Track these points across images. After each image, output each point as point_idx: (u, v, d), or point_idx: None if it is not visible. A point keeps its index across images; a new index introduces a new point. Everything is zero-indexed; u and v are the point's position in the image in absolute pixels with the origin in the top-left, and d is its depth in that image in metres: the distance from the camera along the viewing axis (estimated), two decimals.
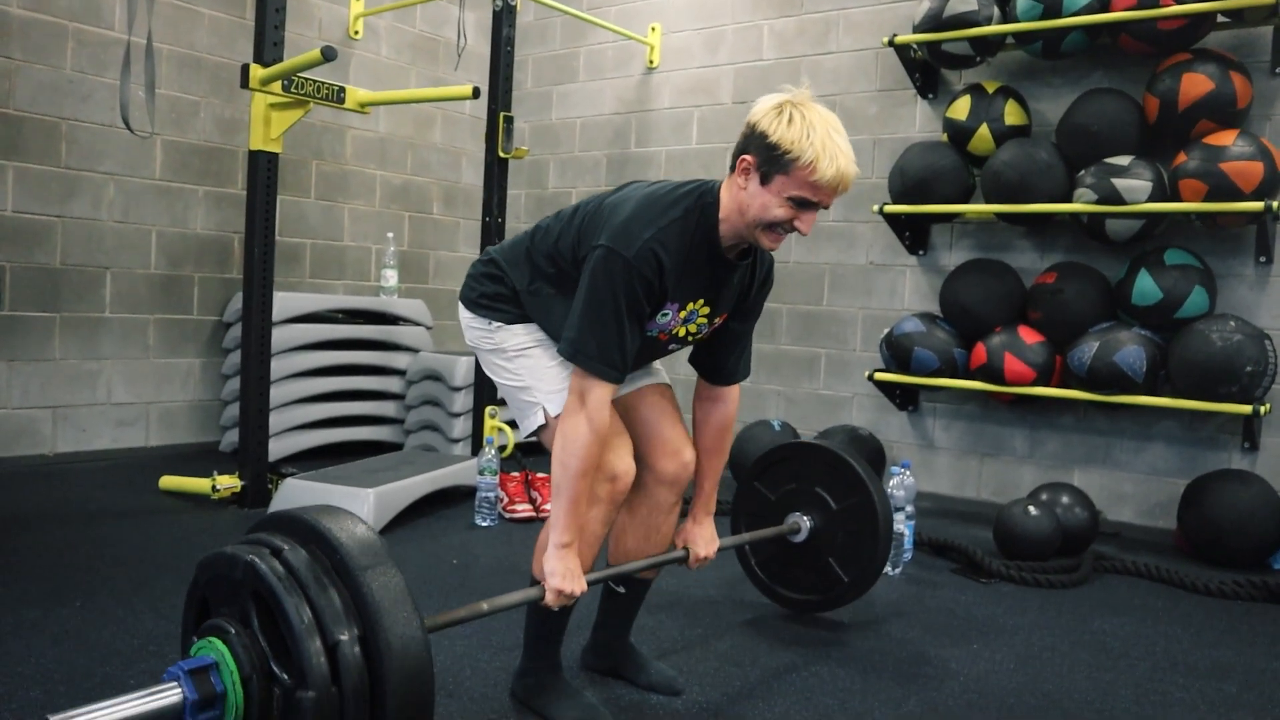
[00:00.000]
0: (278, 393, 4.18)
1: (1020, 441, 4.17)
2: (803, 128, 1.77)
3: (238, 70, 4.24)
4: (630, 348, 1.84)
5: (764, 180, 1.80)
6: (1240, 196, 3.45)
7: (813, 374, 4.68)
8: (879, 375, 4.20)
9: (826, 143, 1.75)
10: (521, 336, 2.00)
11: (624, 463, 1.94)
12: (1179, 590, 3.14)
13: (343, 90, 3.65)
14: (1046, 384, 3.82)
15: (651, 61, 5.20)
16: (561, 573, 1.84)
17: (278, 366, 4.12)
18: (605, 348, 1.81)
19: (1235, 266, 3.74)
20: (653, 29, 5.15)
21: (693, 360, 2.15)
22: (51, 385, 4.05)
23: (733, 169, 1.87)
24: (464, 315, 2.08)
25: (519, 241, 2.05)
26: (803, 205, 1.79)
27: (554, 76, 5.62)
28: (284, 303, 4.23)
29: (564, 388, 1.89)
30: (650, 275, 1.81)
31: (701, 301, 1.94)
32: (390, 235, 5.02)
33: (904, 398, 4.35)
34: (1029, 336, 3.83)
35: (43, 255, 3.99)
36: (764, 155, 1.79)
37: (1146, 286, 3.63)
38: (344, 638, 1.28)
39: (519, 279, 1.99)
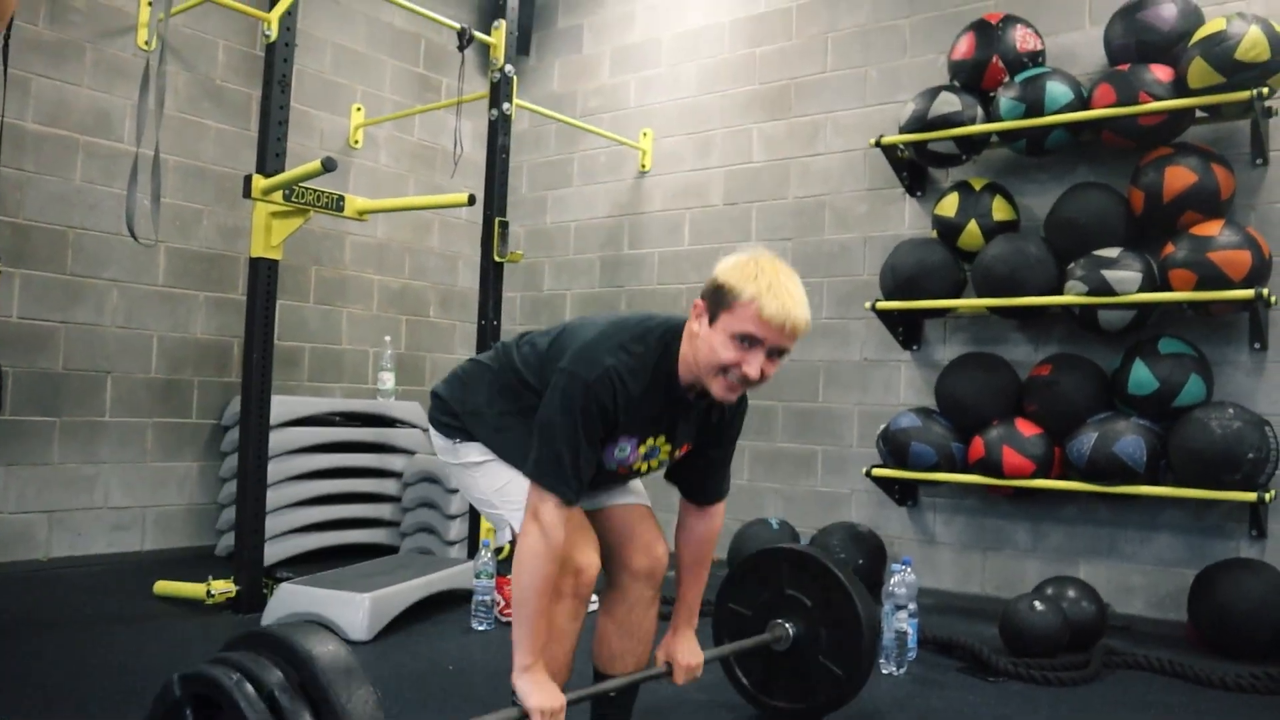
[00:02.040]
0: (274, 496, 4.16)
1: (1023, 535, 4.12)
2: (752, 270, 1.82)
3: (240, 179, 4.33)
4: (586, 469, 1.85)
5: (711, 320, 1.84)
6: (1230, 285, 3.48)
7: (810, 471, 4.66)
8: (877, 471, 4.18)
9: (773, 283, 1.80)
10: (483, 451, 2.05)
11: (587, 557, 1.93)
12: (1194, 684, 3.06)
13: (342, 199, 3.72)
14: (1046, 476, 3.80)
15: (644, 165, 5.32)
16: (535, 693, 1.81)
17: (275, 470, 4.11)
18: (561, 467, 1.82)
19: (1230, 354, 3.75)
20: (644, 134, 5.29)
21: (672, 478, 2.17)
22: (48, 489, 4.03)
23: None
24: (432, 435, 2.16)
25: (480, 368, 2.13)
26: (749, 342, 1.80)
27: (548, 181, 5.74)
28: (282, 406, 4.23)
29: (524, 503, 1.91)
30: (607, 401, 1.84)
31: (663, 438, 1.99)
32: (388, 338, 5.06)
33: (903, 493, 4.33)
34: (1026, 429, 3.82)
35: (45, 360, 4.02)
36: (712, 297, 1.84)
37: (1142, 376, 3.64)
38: (280, 686, 1.24)
39: (481, 403, 2.06)
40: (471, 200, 3.82)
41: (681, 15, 5.31)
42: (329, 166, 3.09)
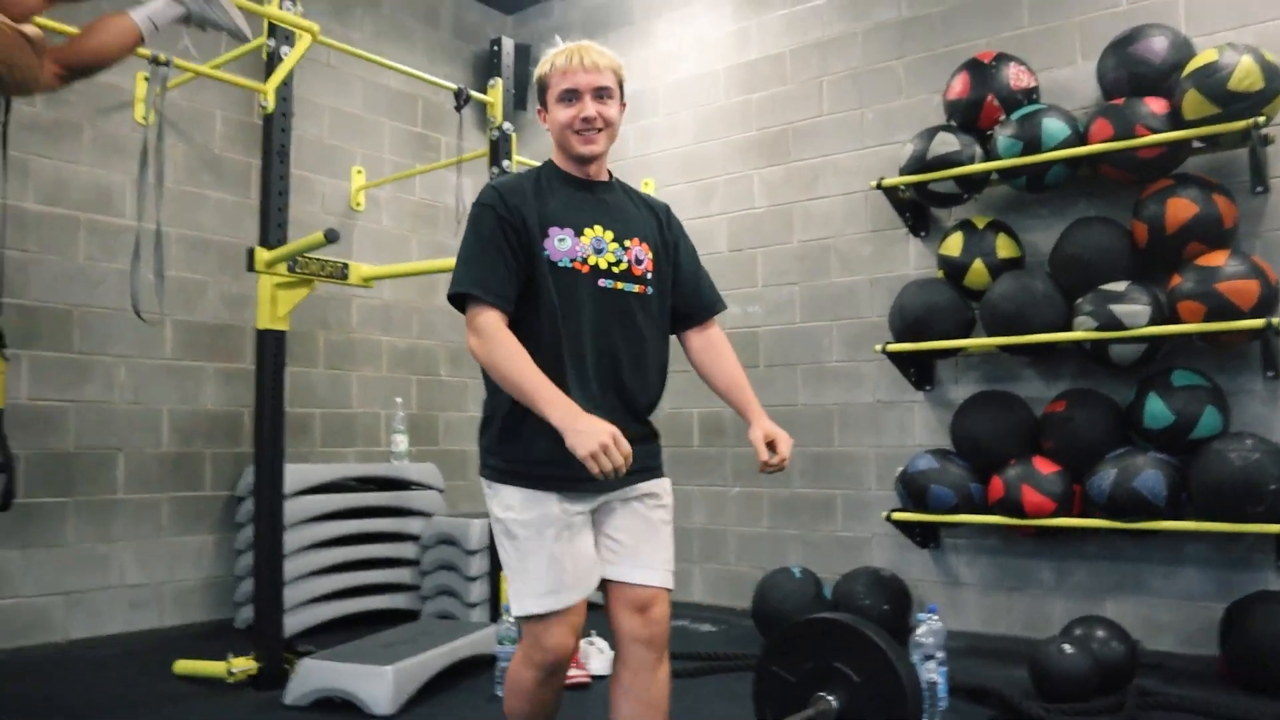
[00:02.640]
0: (291, 567, 4.14)
1: (1047, 573, 4.09)
2: (546, 56, 2.15)
3: (243, 249, 4.35)
4: (502, 269, 2.01)
5: (546, 108, 2.15)
6: (1239, 315, 3.47)
7: (829, 516, 4.63)
8: (897, 515, 4.15)
9: (563, 47, 2.13)
10: (505, 506, 2.06)
11: (556, 638, 1.99)
12: None
13: (346, 267, 3.73)
14: (1068, 514, 3.77)
15: None
16: (580, 442, 1.82)
17: (291, 540, 4.09)
18: (479, 272, 2.01)
19: (1244, 383, 3.73)
20: (646, 184, 5.29)
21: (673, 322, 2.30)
22: (64, 570, 4.01)
23: None
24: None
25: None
26: (570, 96, 2.09)
27: None
28: (295, 475, 4.22)
29: (524, 592, 2.00)
30: (496, 202, 2.06)
31: (600, 227, 2.11)
32: (399, 400, 5.05)
33: (924, 535, 4.29)
34: (1044, 467, 3.79)
35: (56, 440, 4.01)
36: (538, 96, 2.18)
37: (1157, 409, 3.62)
38: None
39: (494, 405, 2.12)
40: None
41: (675, 64, 5.34)
42: (331, 238, 3.09)
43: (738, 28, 5.11)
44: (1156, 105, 3.68)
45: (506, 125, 4.35)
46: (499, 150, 4.36)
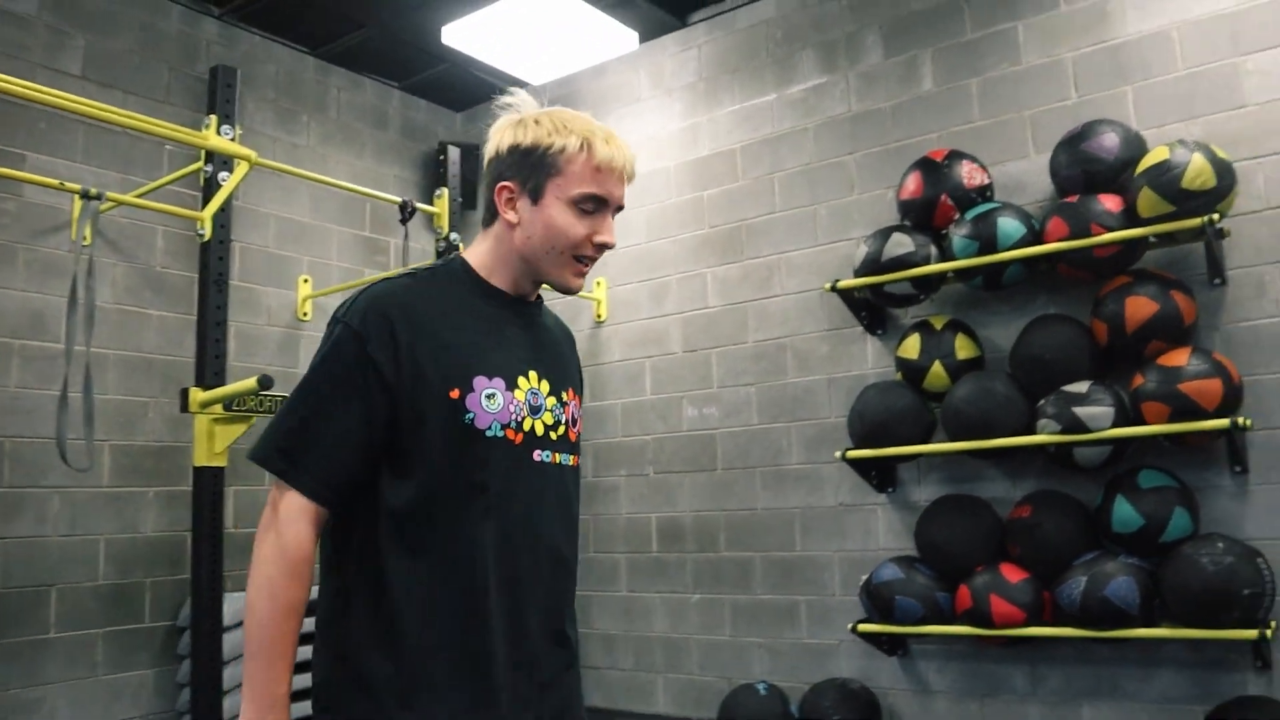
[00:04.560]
0: (236, 701, 3.94)
1: (1020, 679, 3.96)
2: (554, 121, 1.49)
3: (185, 367, 4.21)
4: (350, 445, 1.40)
5: (536, 197, 1.48)
6: (1204, 415, 3.40)
7: (794, 623, 4.49)
8: (863, 627, 4.02)
9: (589, 125, 1.50)
10: None
11: None
12: None
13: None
14: (1038, 622, 3.65)
15: (599, 315, 5.23)
16: None
17: (234, 674, 3.89)
18: (301, 438, 1.40)
19: (1211, 479, 3.65)
20: (598, 284, 5.21)
21: None
22: None
23: (489, 220, 1.56)
24: None
25: None
26: (594, 204, 1.50)
27: None
28: (238, 604, 4.03)
29: None
30: (367, 327, 1.42)
31: (535, 374, 1.53)
32: None
33: (892, 644, 4.16)
34: (1012, 574, 3.68)
35: None
36: (524, 167, 1.48)
37: (1125, 513, 3.53)
38: None
39: None
40: None
41: None
42: (264, 385, 2.97)
43: (688, 124, 5.06)
44: (1111, 203, 3.64)
45: (454, 235, 4.27)
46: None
